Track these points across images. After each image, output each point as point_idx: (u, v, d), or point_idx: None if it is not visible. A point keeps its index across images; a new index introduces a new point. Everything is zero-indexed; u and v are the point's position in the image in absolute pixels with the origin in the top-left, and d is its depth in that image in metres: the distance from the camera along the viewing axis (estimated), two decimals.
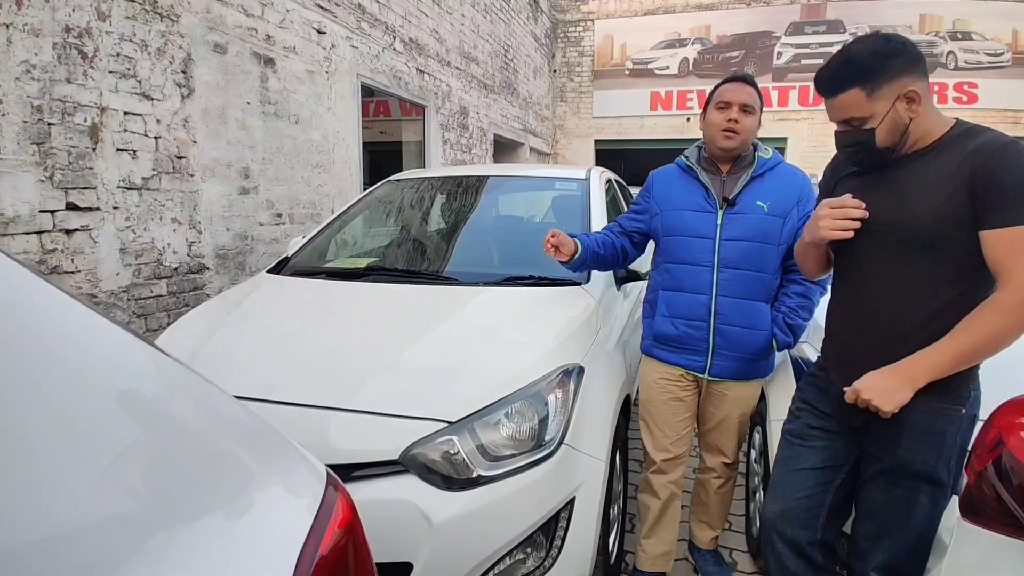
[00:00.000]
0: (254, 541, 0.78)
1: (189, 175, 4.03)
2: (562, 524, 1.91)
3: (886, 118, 1.53)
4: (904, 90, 1.50)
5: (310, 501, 0.90)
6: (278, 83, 4.93)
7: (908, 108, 1.51)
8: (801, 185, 2.22)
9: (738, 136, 2.15)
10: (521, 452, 1.83)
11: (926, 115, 1.54)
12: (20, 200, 2.97)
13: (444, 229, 3.60)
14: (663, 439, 2.39)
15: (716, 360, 2.25)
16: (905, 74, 1.50)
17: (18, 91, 2.94)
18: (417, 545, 1.71)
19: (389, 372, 2.01)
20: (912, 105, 1.51)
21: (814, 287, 2.20)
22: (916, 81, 1.51)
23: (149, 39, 3.68)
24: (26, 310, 0.74)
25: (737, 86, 2.19)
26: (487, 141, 10.10)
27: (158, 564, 0.65)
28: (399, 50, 6.97)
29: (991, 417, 1.53)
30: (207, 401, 0.94)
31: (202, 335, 2.30)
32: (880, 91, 1.51)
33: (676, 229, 2.26)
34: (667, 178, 2.37)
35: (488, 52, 9.91)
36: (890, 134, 1.55)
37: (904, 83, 1.50)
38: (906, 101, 1.51)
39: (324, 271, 3.03)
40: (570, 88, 14.67)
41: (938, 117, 1.56)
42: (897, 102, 1.51)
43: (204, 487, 0.79)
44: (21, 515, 0.57)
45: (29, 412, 0.64)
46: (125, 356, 0.86)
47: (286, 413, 1.81)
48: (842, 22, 12.68)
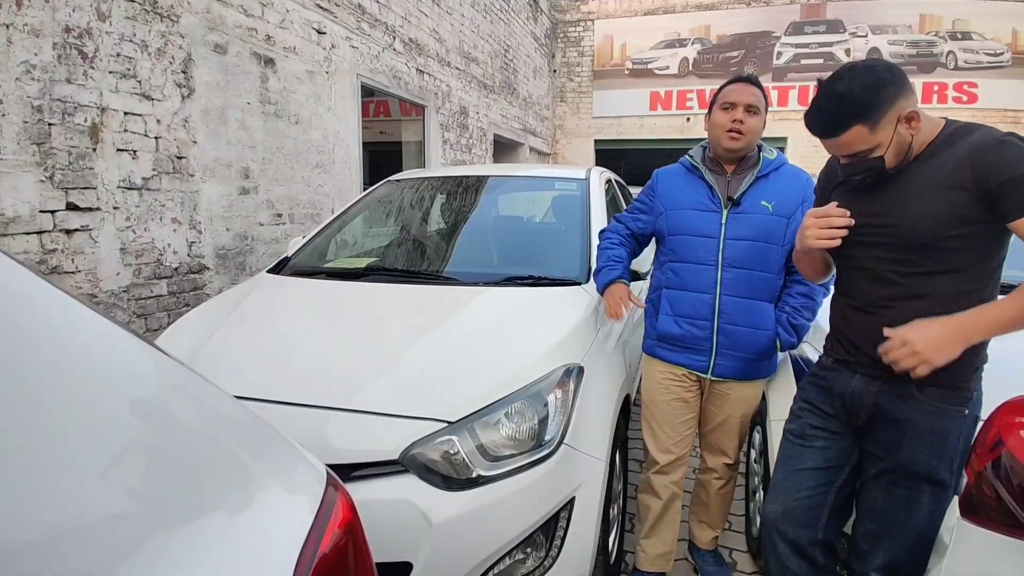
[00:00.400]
0: (254, 541, 0.78)
1: (189, 175, 4.03)
2: (562, 524, 1.91)
3: (892, 143, 1.53)
4: (903, 113, 1.51)
5: (310, 501, 0.90)
6: (278, 83, 4.93)
7: (909, 127, 1.52)
8: (805, 186, 2.22)
9: (743, 137, 2.15)
10: (521, 452, 1.83)
11: (926, 121, 1.55)
12: (20, 200, 2.97)
13: (444, 229, 3.60)
14: (666, 439, 2.39)
15: (719, 360, 2.24)
16: (899, 98, 1.51)
17: (18, 91, 2.94)
18: (417, 545, 1.71)
19: (389, 372, 2.01)
20: (912, 123, 1.52)
21: (818, 287, 2.19)
22: (908, 100, 1.52)
23: (149, 39, 3.68)
24: (26, 310, 0.74)
25: (742, 87, 2.18)
26: (487, 141, 10.10)
27: (158, 564, 0.65)
28: (399, 50, 6.97)
29: (991, 417, 1.53)
30: (207, 401, 0.94)
31: (202, 335, 2.30)
32: (881, 122, 1.51)
33: (680, 228, 2.26)
34: (672, 177, 2.37)
35: (488, 52, 9.91)
36: (897, 156, 1.56)
37: (901, 107, 1.51)
38: (907, 122, 1.51)
39: (324, 271, 3.03)
40: (570, 88, 14.67)
41: (929, 122, 1.57)
42: (899, 125, 1.51)
43: (204, 487, 0.79)
44: (20, 515, 0.56)
45: (29, 412, 0.64)
46: (125, 356, 0.86)
47: (286, 413, 1.81)
48: (842, 22, 12.67)
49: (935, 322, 1.46)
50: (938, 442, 1.55)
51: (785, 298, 2.23)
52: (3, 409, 0.61)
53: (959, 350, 1.43)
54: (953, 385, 1.54)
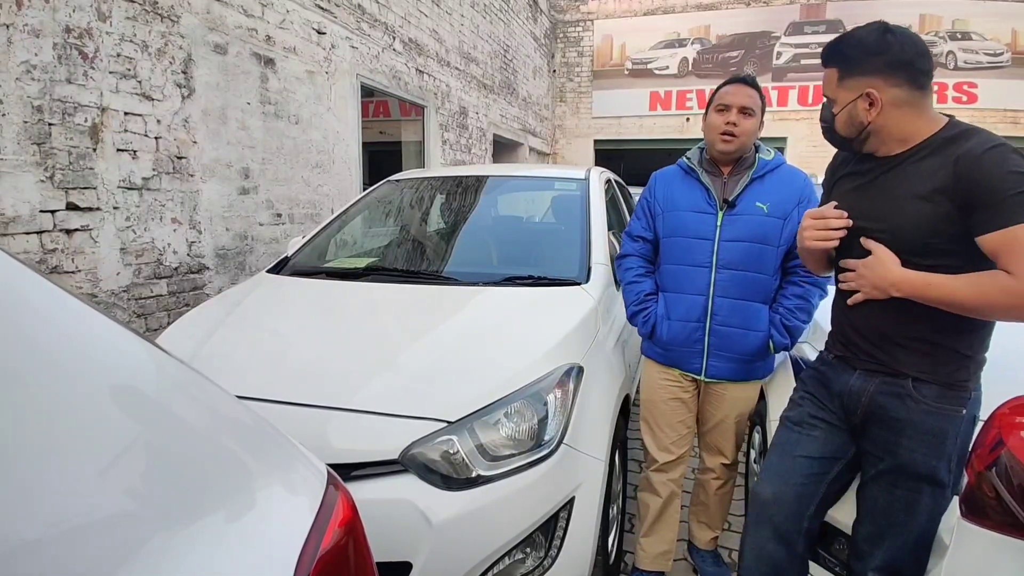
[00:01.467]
0: (255, 540, 0.79)
1: (189, 175, 4.03)
2: (561, 524, 1.91)
3: (844, 109, 1.57)
4: (870, 90, 1.51)
5: (311, 500, 0.91)
6: (278, 83, 4.93)
7: (867, 110, 1.53)
8: (802, 186, 2.22)
9: (736, 139, 2.15)
10: (520, 452, 1.83)
11: (905, 120, 1.53)
12: (21, 200, 2.97)
13: (444, 229, 3.60)
14: (664, 439, 2.40)
15: (712, 361, 2.25)
16: (879, 76, 1.51)
17: (19, 91, 2.94)
18: (416, 545, 1.71)
19: (388, 372, 2.01)
20: (871, 107, 1.52)
21: (813, 289, 2.19)
22: (890, 85, 1.51)
23: (149, 40, 3.69)
24: (26, 308, 0.74)
25: (737, 88, 2.18)
26: (486, 141, 10.10)
27: (159, 562, 0.65)
28: (399, 50, 6.97)
29: (991, 417, 1.53)
30: (209, 400, 0.94)
31: (202, 335, 2.30)
32: (847, 81, 1.55)
33: (676, 230, 2.26)
34: (669, 179, 2.37)
35: (487, 52, 9.92)
36: (846, 126, 1.59)
37: (873, 83, 1.51)
38: (866, 100, 1.52)
39: (324, 271, 3.03)
40: (569, 88, 14.69)
41: (924, 120, 1.54)
42: (859, 99, 1.53)
43: (205, 486, 0.79)
44: (19, 514, 0.56)
45: (29, 411, 0.63)
46: (127, 355, 0.85)
47: (285, 413, 1.80)
48: (842, 22, 12.68)
49: (892, 265, 1.53)
50: (936, 442, 1.54)
51: (780, 299, 2.23)
52: (3, 407, 0.61)
53: (894, 294, 1.51)
54: (950, 384, 1.53)
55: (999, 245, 1.38)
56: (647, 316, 2.31)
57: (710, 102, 2.25)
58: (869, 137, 1.58)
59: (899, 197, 1.54)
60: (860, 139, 1.60)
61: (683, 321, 2.24)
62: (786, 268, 2.23)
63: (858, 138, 1.59)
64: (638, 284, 2.36)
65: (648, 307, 2.32)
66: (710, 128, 2.20)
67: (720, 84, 2.26)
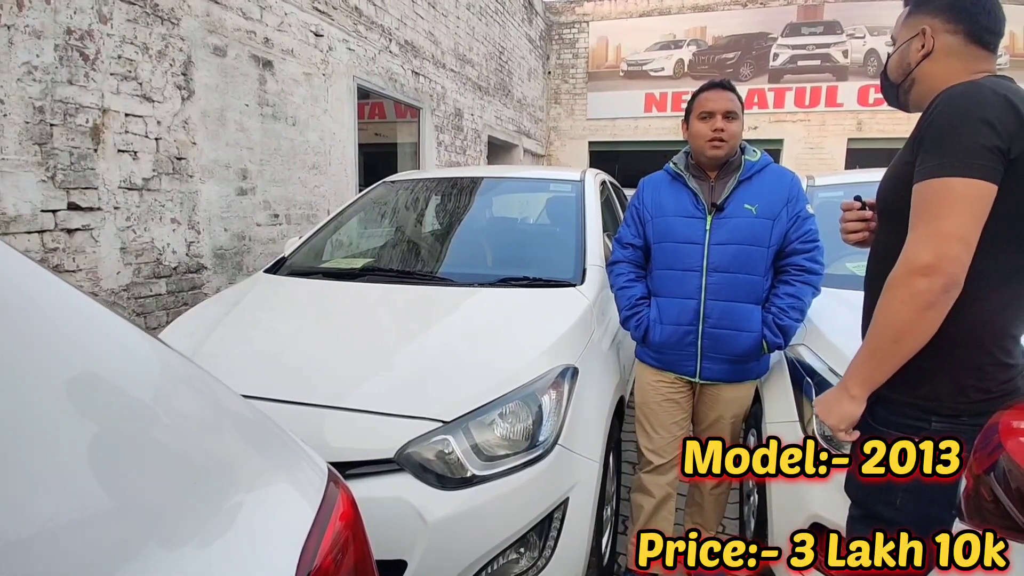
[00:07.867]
0: (258, 535, 0.79)
1: (188, 176, 4.05)
2: (555, 524, 1.92)
3: (899, 48, 1.47)
4: (924, 29, 1.40)
5: (312, 496, 0.91)
6: (276, 85, 4.95)
7: (919, 50, 1.41)
8: (790, 185, 2.23)
9: (725, 144, 2.17)
10: (515, 452, 1.85)
11: (950, 74, 1.37)
12: (22, 200, 2.99)
13: (439, 230, 3.62)
14: (659, 440, 2.40)
15: (706, 364, 2.26)
16: (939, 16, 1.39)
17: (20, 92, 2.96)
18: (411, 543, 1.72)
19: (384, 371, 2.03)
20: (923, 46, 1.41)
21: (805, 288, 2.19)
22: (947, 31, 1.38)
23: (150, 42, 3.70)
24: (29, 302, 0.74)
25: (717, 93, 2.20)
26: (481, 143, 10.11)
27: (161, 558, 0.65)
28: (395, 52, 6.99)
29: (990, 420, 1.55)
30: (211, 396, 0.95)
31: (200, 334, 2.32)
32: (911, 19, 1.45)
33: (666, 236, 2.28)
34: (657, 185, 2.38)
35: (483, 54, 9.93)
36: (895, 68, 1.49)
37: (930, 24, 1.40)
38: (920, 39, 1.41)
39: (320, 271, 3.05)
40: (564, 90, 14.67)
41: (939, 79, 1.38)
42: (915, 37, 1.42)
43: (208, 481, 0.79)
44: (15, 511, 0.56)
45: (30, 410, 0.63)
46: (131, 350, 0.85)
47: (282, 411, 1.81)
48: (839, 23, 12.65)
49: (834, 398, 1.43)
50: None
51: (772, 298, 2.23)
52: (4, 403, 0.60)
53: (851, 408, 1.39)
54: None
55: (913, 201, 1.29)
56: (639, 320, 2.32)
57: (689, 109, 2.27)
58: (913, 86, 1.46)
59: (892, 165, 1.47)
60: (904, 87, 1.48)
61: (675, 325, 2.26)
62: (778, 267, 2.24)
63: (903, 85, 1.48)
64: (629, 289, 2.37)
65: (640, 311, 2.33)
66: (697, 136, 2.22)
67: (697, 91, 2.28)
